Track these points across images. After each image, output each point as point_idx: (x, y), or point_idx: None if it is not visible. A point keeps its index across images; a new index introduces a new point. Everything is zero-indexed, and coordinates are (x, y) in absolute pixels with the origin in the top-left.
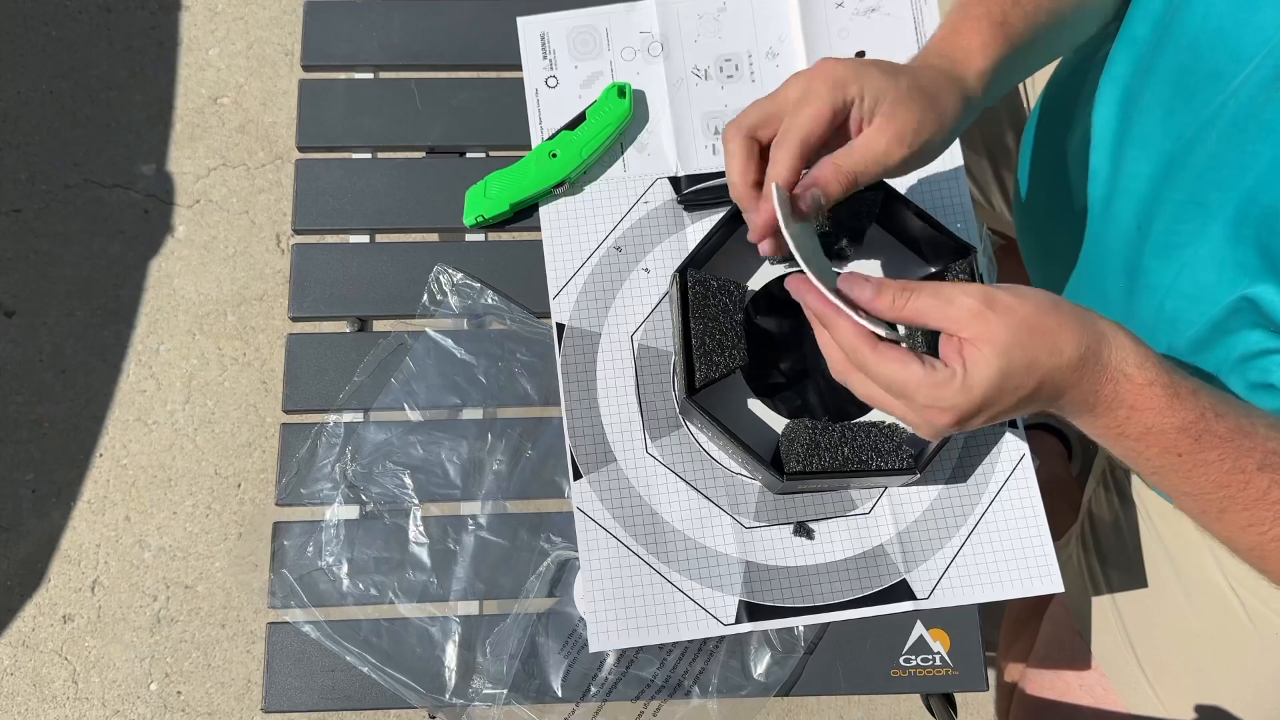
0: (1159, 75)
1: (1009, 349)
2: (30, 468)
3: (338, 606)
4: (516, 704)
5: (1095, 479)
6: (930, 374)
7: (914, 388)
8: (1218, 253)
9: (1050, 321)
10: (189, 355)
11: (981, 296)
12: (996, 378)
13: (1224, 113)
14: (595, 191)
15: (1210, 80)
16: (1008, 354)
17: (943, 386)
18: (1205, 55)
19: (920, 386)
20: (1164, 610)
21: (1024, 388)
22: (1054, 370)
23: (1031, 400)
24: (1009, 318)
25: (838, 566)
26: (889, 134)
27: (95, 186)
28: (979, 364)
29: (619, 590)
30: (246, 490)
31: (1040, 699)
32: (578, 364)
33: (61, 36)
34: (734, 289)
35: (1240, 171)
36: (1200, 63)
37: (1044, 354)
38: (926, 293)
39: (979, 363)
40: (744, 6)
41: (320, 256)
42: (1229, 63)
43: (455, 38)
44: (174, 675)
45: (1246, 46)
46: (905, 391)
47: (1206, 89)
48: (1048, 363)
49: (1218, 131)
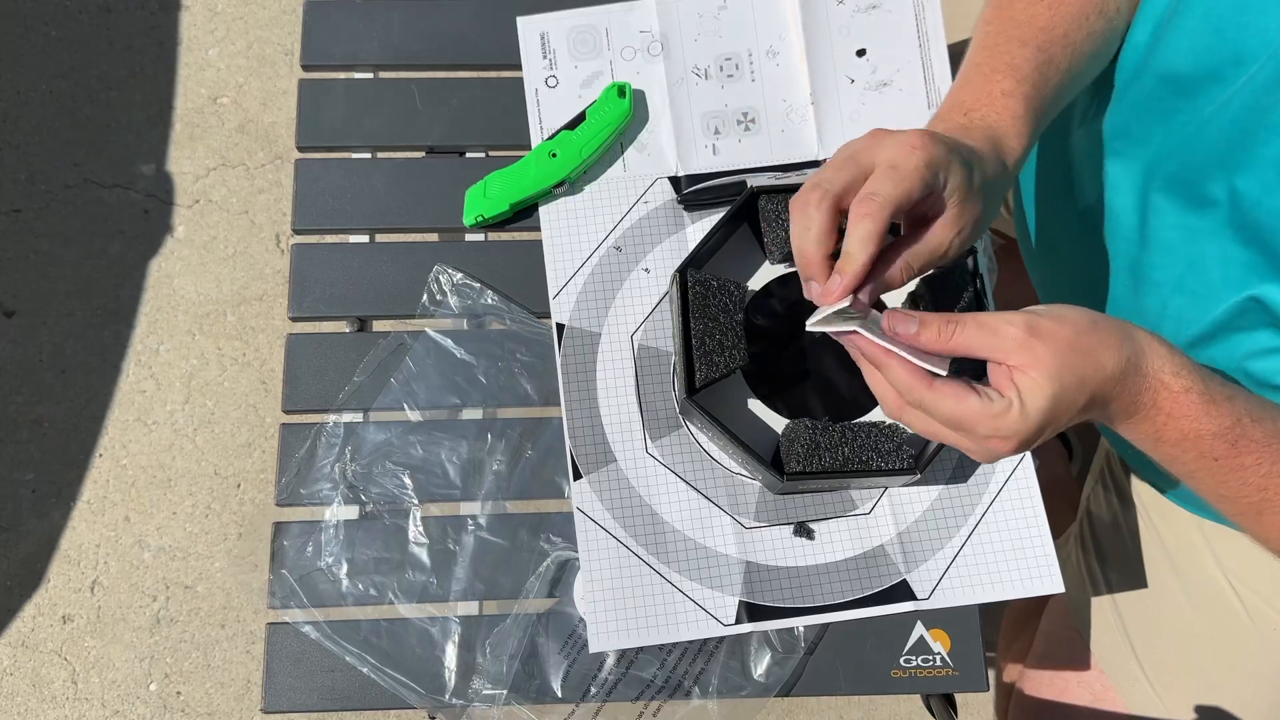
0: (1158, 75)
1: (1059, 372)
2: (30, 468)
3: (337, 607)
4: (516, 704)
5: (1094, 478)
6: (988, 405)
7: (974, 421)
8: (1223, 252)
9: (1091, 340)
10: (189, 355)
11: (1025, 325)
12: (1051, 402)
13: (1225, 113)
14: (595, 191)
15: (1210, 81)
16: (1058, 377)
17: (1002, 417)
18: (1205, 56)
19: (981, 419)
20: (1163, 609)
21: (1076, 404)
22: (1101, 384)
23: (1084, 414)
24: (1054, 343)
25: (838, 567)
26: (954, 231)
27: (95, 186)
28: (1033, 391)
29: (619, 590)
30: (246, 490)
31: (1039, 698)
32: (578, 364)
33: (61, 36)
34: (734, 289)
35: (1244, 172)
36: (1200, 63)
37: (1091, 370)
38: (971, 325)
39: (1033, 389)
40: (744, 5)
41: (320, 256)
42: (1229, 64)
43: (455, 38)
44: (174, 675)
45: (1248, 48)
46: (965, 425)
47: (1207, 89)
48: (1095, 378)
49: (1219, 132)
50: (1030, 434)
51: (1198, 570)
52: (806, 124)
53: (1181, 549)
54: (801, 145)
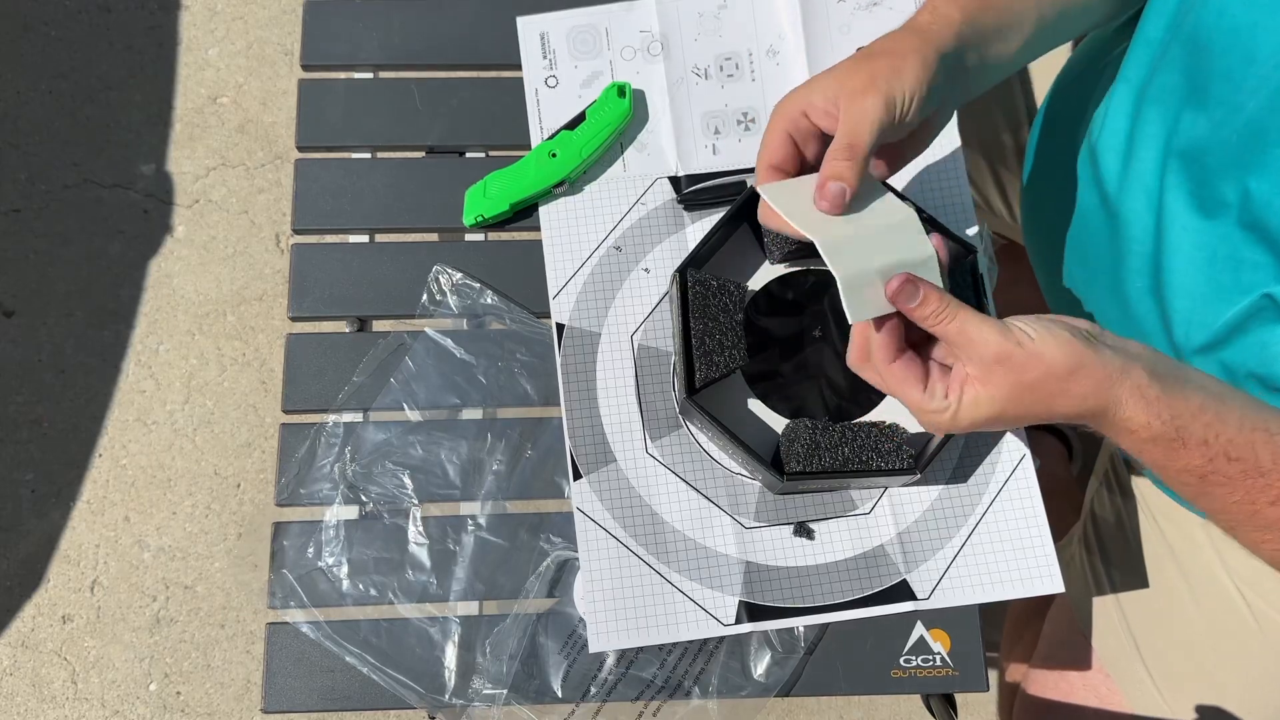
0: (1171, 74)
1: (1004, 403)
2: (30, 468)
3: (337, 607)
4: (516, 704)
5: (1097, 479)
6: (927, 400)
7: (912, 403)
8: (1234, 253)
9: (1057, 386)
10: (188, 355)
11: (999, 348)
12: (984, 420)
13: (1240, 114)
14: (595, 191)
15: (1223, 80)
16: (1001, 406)
17: (935, 414)
18: (1219, 55)
19: (918, 408)
20: (1169, 610)
21: (1012, 424)
22: (1046, 416)
23: (1019, 423)
24: (1015, 376)
25: (838, 567)
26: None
27: (95, 186)
28: (973, 405)
29: (619, 590)
30: (246, 490)
31: (1044, 699)
32: (578, 364)
33: (61, 36)
34: (734, 289)
35: (1258, 173)
36: (1213, 63)
37: (1040, 410)
38: (957, 323)
39: (973, 404)
40: (744, 4)
41: (320, 256)
42: (1242, 63)
43: (455, 38)
44: (173, 675)
45: (1261, 48)
46: (906, 399)
47: (1219, 89)
48: (1041, 413)
49: (1234, 132)
50: (956, 430)
51: (1203, 572)
52: None
53: (1187, 551)
54: None
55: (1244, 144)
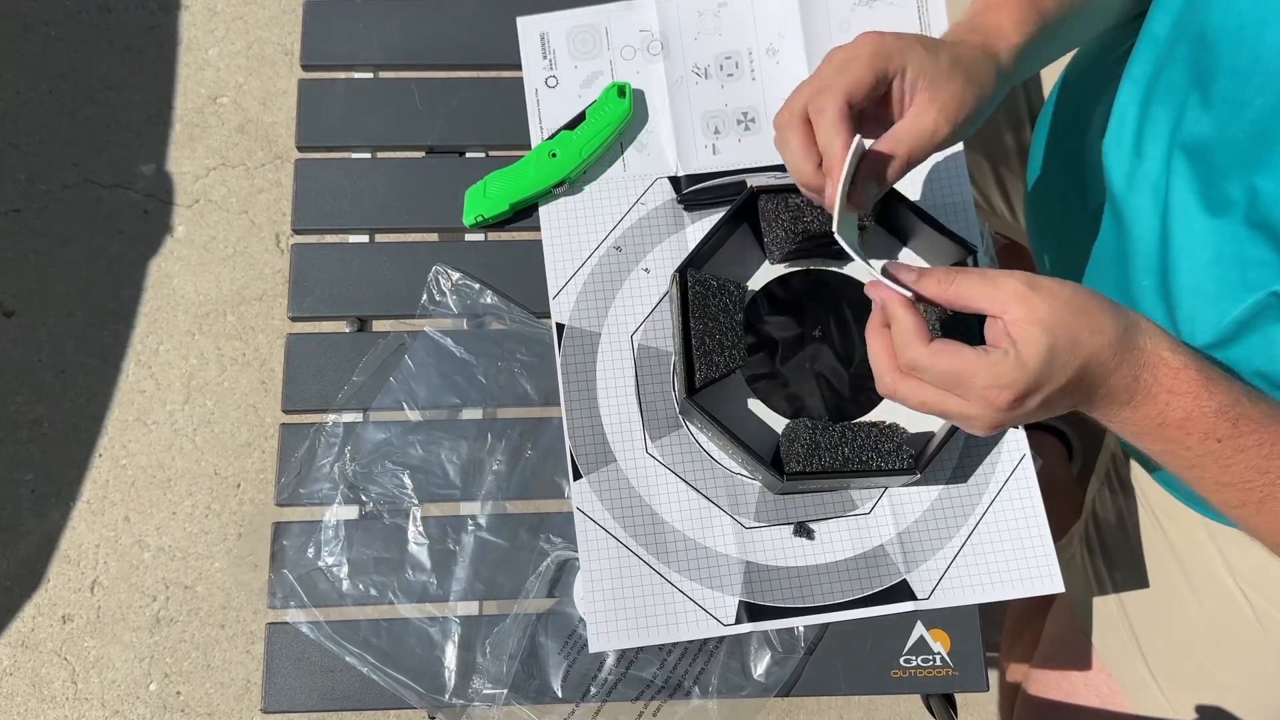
0: (1177, 71)
1: (1054, 326)
2: (30, 468)
3: (337, 607)
4: (516, 704)
5: (1098, 479)
6: (984, 356)
7: (971, 372)
8: (1240, 252)
9: (1089, 303)
10: (188, 355)
11: (1024, 279)
12: (1046, 353)
13: (1247, 111)
14: (595, 191)
15: (1229, 77)
16: (1053, 330)
17: (999, 364)
18: (1225, 53)
19: (978, 370)
20: (1171, 610)
21: (1070, 365)
22: (1097, 350)
23: (1078, 384)
24: (1052, 299)
25: (838, 567)
26: (934, 110)
27: (95, 186)
28: (1028, 341)
29: (619, 590)
30: (246, 490)
31: (1045, 699)
32: (578, 364)
33: (61, 36)
34: (734, 289)
35: (1265, 172)
36: (1220, 60)
37: (1086, 332)
38: (972, 275)
39: (1028, 340)
40: (743, 4)
41: (320, 256)
42: (1249, 61)
43: (455, 38)
44: (173, 675)
45: (1268, 45)
46: (962, 379)
47: (1226, 86)
48: (1090, 342)
49: (1240, 130)
50: (1027, 384)
51: (1205, 572)
52: None
53: (1189, 551)
54: None
55: (1251, 142)
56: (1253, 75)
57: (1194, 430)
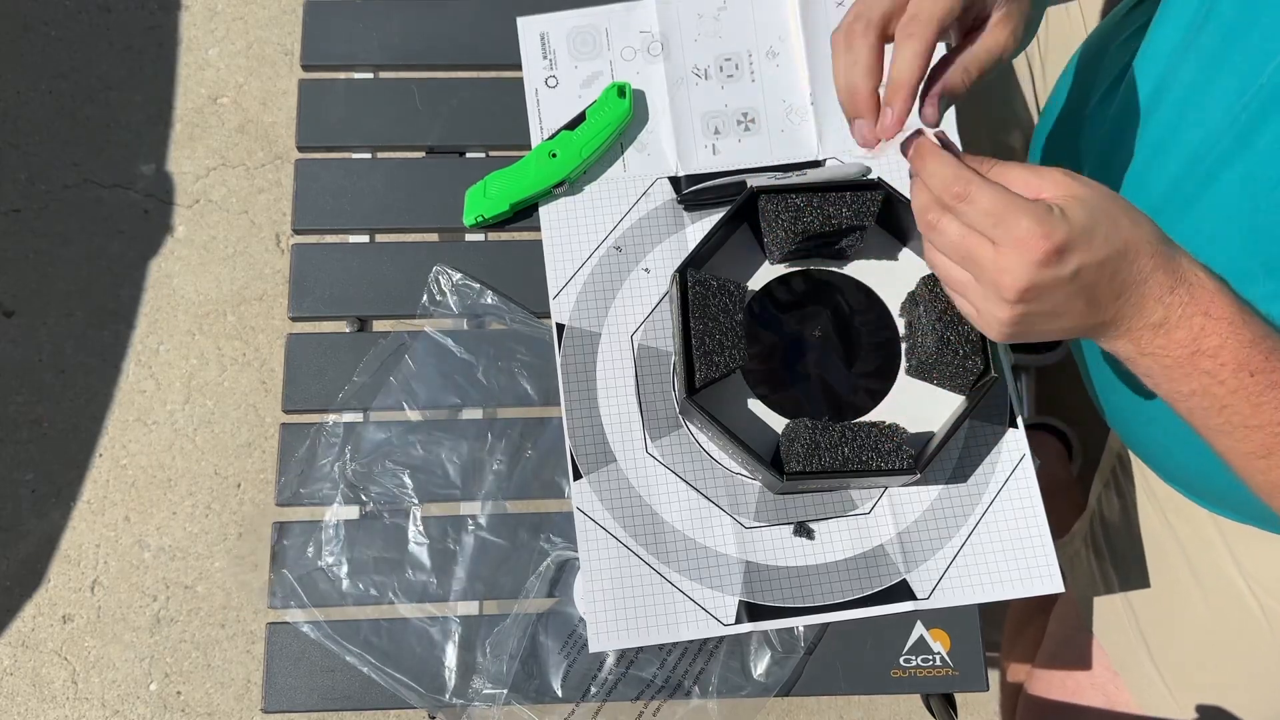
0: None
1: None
2: (30, 468)
3: (338, 606)
4: (516, 704)
5: (1102, 480)
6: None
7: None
8: (1246, 250)
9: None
10: (189, 355)
11: (1064, 170)
12: (1088, 216)
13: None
14: (595, 191)
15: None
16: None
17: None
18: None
19: (1026, 209)
20: (1179, 609)
21: (1111, 240)
22: (1136, 240)
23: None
24: (1093, 186)
25: (838, 566)
26: (1009, 28)
27: (95, 186)
28: (1072, 205)
29: (619, 590)
30: (246, 490)
31: (1050, 699)
32: (578, 364)
33: (61, 36)
34: (734, 289)
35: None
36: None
37: (1126, 220)
38: (1015, 164)
39: (1072, 204)
40: (744, 5)
41: (320, 256)
42: (1263, 40)
43: (455, 38)
44: (174, 675)
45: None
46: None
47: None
48: (1129, 229)
49: (1247, 115)
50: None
51: (1214, 570)
52: (806, 124)
53: (1198, 549)
54: (801, 145)
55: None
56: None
57: (1228, 361)
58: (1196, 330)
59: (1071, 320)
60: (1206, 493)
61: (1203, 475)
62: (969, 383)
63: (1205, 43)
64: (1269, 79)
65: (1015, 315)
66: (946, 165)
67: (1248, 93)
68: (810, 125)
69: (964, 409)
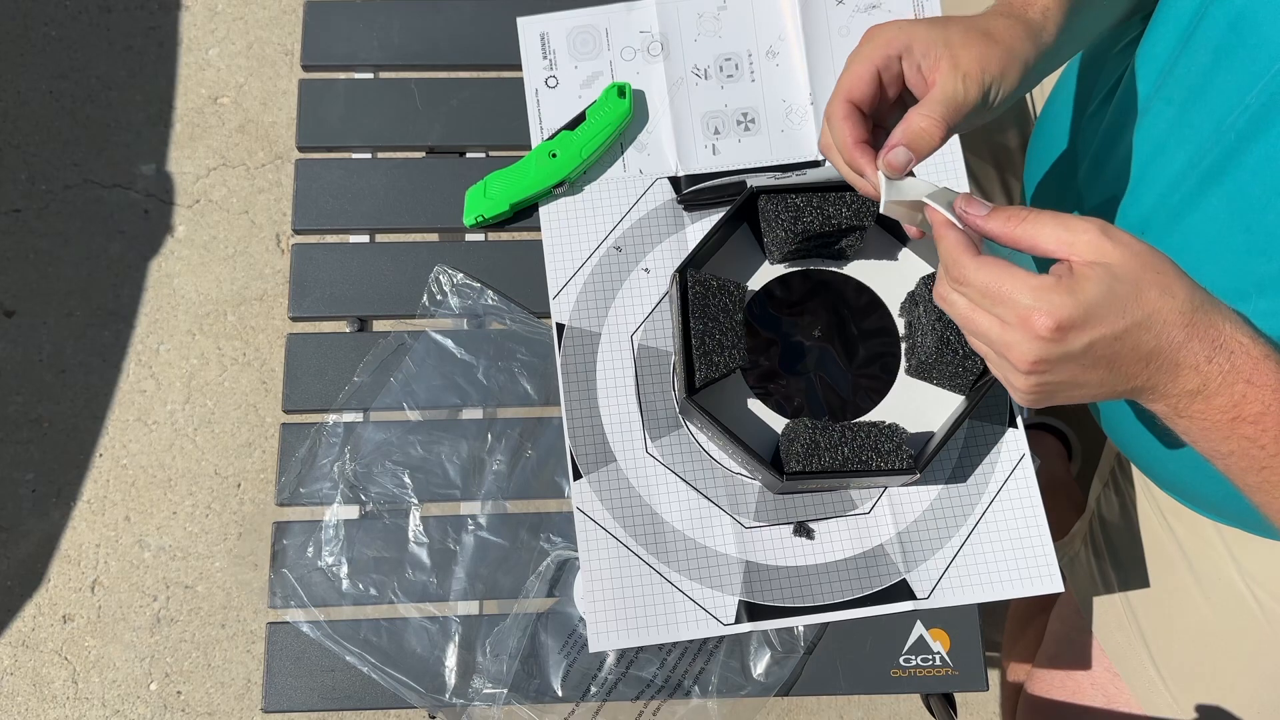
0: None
1: (1120, 270)
2: (30, 468)
3: (337, 606)
4: (516, 704)
5: (1101, 480)
6: (1032, 277)
7: (1015, 288)
8: (1239, 260)
9: (1165, 264)
10: (189, 355)
11: (1101, 226)
12: (1103, 291)
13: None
14: (595, 191)
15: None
16: (1117, 274)
17: (1045, 287)
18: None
19: (1021, 287)
20: (1179, 610)
21: (1129, 314)
22: (1163, 311)
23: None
24: (1126, 248)
25: (838, 566)
26: (958, 74)
27: (95, 186)
28: (1087, 276)
29: (619, 590)
30: (246, 490)
31: (1051, 699)
32: (578, 364)
33: (61, 36)
34: (734, 289)
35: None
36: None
37: (1155, 290)
38: (1046, 216)
39: (1088, 275)
40: (744, 5)
41: (320, 256)
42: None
43: (455, 38)
44: (174, 675)
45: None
46: (1003, 295)
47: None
48: (1156, 300)
49: (1244, 122)
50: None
51: (1214, 571)
52: (806, 124)
53: (1198, 550)
54: (801, 145)
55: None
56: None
57: (1270, 427)
58: (1238, 397)
59: (1097, 388)
60: (1201, 501)
61: (1196, 485)
62: (969, 383)
63: (1194, 59)
64: (1257, 96)
65: (1032, 385)
66: (944, 244)
67: (1236, 110)
68: (810, 125)
69: (964, 409)
